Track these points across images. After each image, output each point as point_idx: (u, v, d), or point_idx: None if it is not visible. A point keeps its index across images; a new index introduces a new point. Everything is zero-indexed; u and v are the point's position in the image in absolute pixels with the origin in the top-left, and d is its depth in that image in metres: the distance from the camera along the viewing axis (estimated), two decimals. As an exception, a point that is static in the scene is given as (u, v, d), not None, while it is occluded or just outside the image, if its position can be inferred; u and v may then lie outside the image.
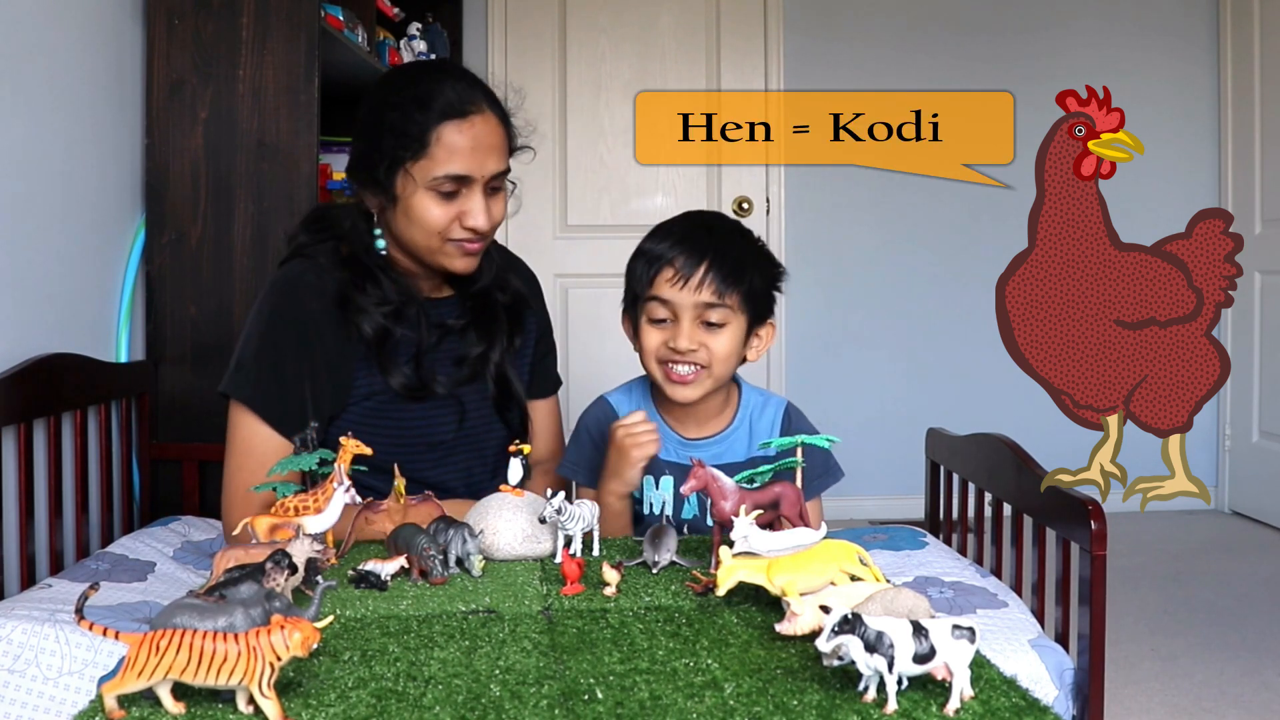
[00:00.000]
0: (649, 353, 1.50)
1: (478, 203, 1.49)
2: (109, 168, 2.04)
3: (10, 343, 1.70)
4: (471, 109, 1.48)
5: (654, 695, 0.88)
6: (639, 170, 3.90)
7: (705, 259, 1.45)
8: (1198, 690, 2.32)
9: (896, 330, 4.01)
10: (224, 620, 0.88)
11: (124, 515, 1.96)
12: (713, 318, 1.46)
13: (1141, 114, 4.01)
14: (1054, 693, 1.27)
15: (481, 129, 1.48)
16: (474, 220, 1.49)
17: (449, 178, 1.46)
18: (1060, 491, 1.37)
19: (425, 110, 1.46)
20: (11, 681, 1.14)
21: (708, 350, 1.46)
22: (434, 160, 1.46)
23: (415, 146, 1.46)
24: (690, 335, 1.46)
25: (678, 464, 1.54)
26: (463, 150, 1.46)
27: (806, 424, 1.58)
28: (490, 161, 1.49)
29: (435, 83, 1.49)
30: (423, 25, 3.12)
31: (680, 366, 1.47)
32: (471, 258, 1.54)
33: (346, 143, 2.81)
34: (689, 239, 1.48)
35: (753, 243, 1.54)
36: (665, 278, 1.46)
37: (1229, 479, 4.00)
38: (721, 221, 1.55)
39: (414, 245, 1.53)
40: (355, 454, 1.26)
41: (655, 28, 3.91)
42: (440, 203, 1.48)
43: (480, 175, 1.48)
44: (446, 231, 1.50)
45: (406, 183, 1.48)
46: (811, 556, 1.07)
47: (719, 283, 1.45)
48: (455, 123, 1.46)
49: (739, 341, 1.49)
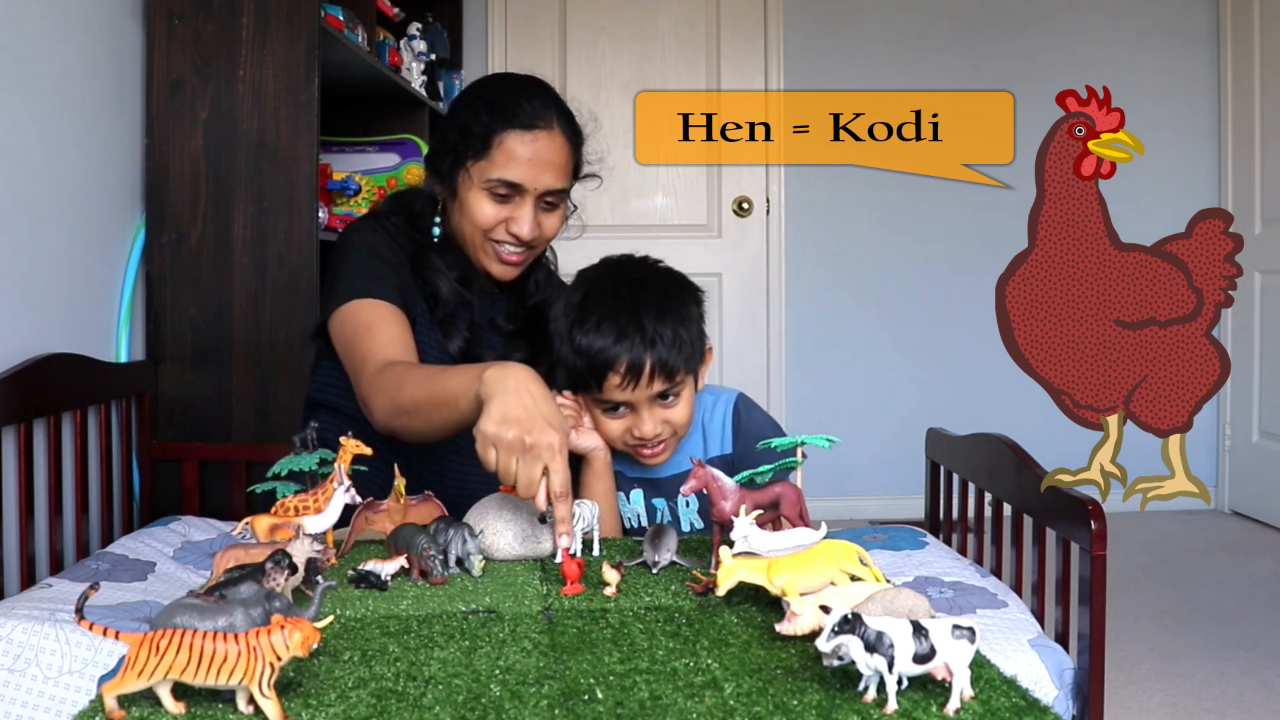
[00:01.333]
0: (614, 440, 1.50)
1: (526, 212, 1.56)
2: (109, 168, 2.04)
3: (10, 343, 1.70)
4: (539, 124, 1.55)
5: (654, 695, 0.88)
6: (639, 170, 3.90)
7: (647, 351, 1.42)
8: (1198, 690, 2.32)
9: (896, 330, 4.01)
10: (224, 620, 0.88)
11: (124, 515, 1.96)
12: (668, 393, 1.47)
13: (1141, 114, 4.01)
14: (1054, 693, 1.26)
15: (545, 144, 1.55)
16: (518, 227, 1.56)
17: (502, 182, 1.54)
18: (1060, 491, 1.37)
19: (494, 115, 1.54)
20: (11, 681, 1.14)
21: (670, 425, 1.48)
22: (492, 162, 1.54)
23: (478, 146, 1.54)
24: (652, 421, 1.47)
25: (644, 477, 1.56)
26: (521, 159, 1.54)
27: (759, 414, 1.60)
28: (546, 176, 1.56)
29: (514, 94, 1.57)
30: (423, 25, 3.12)
31: (648, 445, 1.49)
32: (510, 267, 1.61)
33: (347, 142, 2.84)
34: (625, 334, 1.42)
35: (672, 287, 1.51)
36: (613, 383, 1.44)
37: (1229, 479, 4.00)
38: (642, 291, 1.48)
39: (462, 238, 1.61)
40: (355, 454, 1.25)
41: (655, 28, 3.91)
42: (492, 203, 1.56)
43: (533, 187, 1.55)
44: (492, 232, 1.58)
45: (465, 179, 1.56)
46: (811, 557, 1.07)
47: (668, 368, 1.44)
48: (519, 132, 1.54)
49: (693, 396, 1.52)
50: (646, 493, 1.56)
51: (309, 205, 2.10)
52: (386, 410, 1.39)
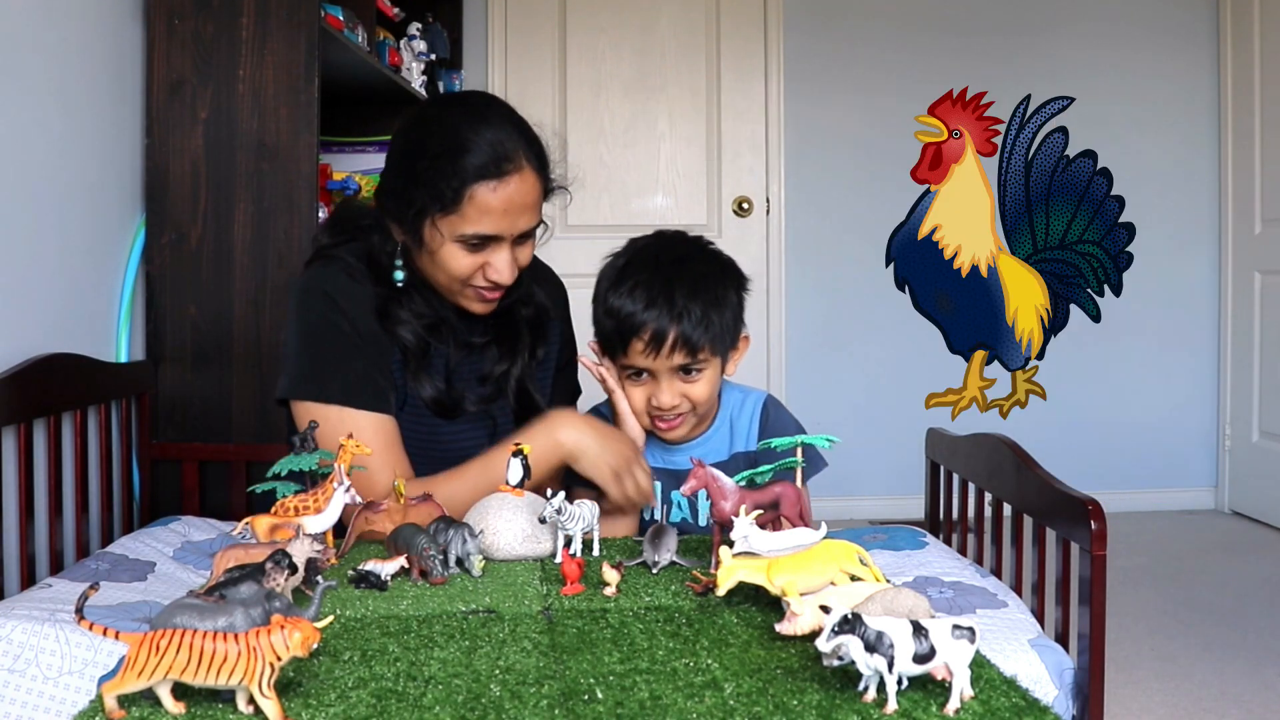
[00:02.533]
0: (635, 410, 1.53)
1: (503, 257, 1.48)
2: (109, 168, 2.04)
3: (10, 343, 1.70)
4: (509, 167, 1.44)
5: (654, 695, 0.88)
6: (639, 170, 3.90)
7: (674, 323, 1.44)
8: (1198, 690, 2.32)
9: (896, 330, 4.01)
10: (224, 620, 0.88)
11: (124, 515, 1.96)
12: (689, 368, 1.49)
13: (1141, 114, 4.02)
14: (1054, 692, 1.26)
15: (516, 189, 1.45)
16: (497, 274, 1.48)
17: (477, 235, 1.45)
18: (1060, 491, 1.37)
19: (459, 166, 1.42)
20: (11, 681, 1.14)
21: (688, 400, 1.50)
22: (464, 218, 1.44)
23: (446, 203, 1.43)
24: (670, 392, 1.49)
25: (663, 469, 1.56)
26: (495, 211, 1.44)
27: (786, 416, 1.61)
28: (521, 220, 1.47)
29: (473, 132, 1.44)
30: (423, 25, 3.12)
31: (665, 417, 1.51)
32: (490, 304, 1.54)
33: (347, 142, 2.84)
34: (654, 301, 1.44)
35: (713, 263, 1.53)
36: (637, 349, 1.46)
37: (1229, 479, 4.01)
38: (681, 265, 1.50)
39: (435, 282, 1.53)
40: (355, 454, 1.25)
41: (655, 28, 3.91)
42: (467, 253, 1.47)
43: (510, 234, 1.47)
44: (469, 279, 1.49)
45: (434, 233, 1.46)
46: (812, 557, 1.07)
47: (691, 343, 1.45)
48: (489, 183, 1.43)
49: (717, 378, 1.53)
50: (665, 484, 1.56)
51: (309, 205, 2.10)
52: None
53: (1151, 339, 4.07)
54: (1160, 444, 4.06)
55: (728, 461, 1.56)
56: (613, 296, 1.48)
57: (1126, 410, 4.05)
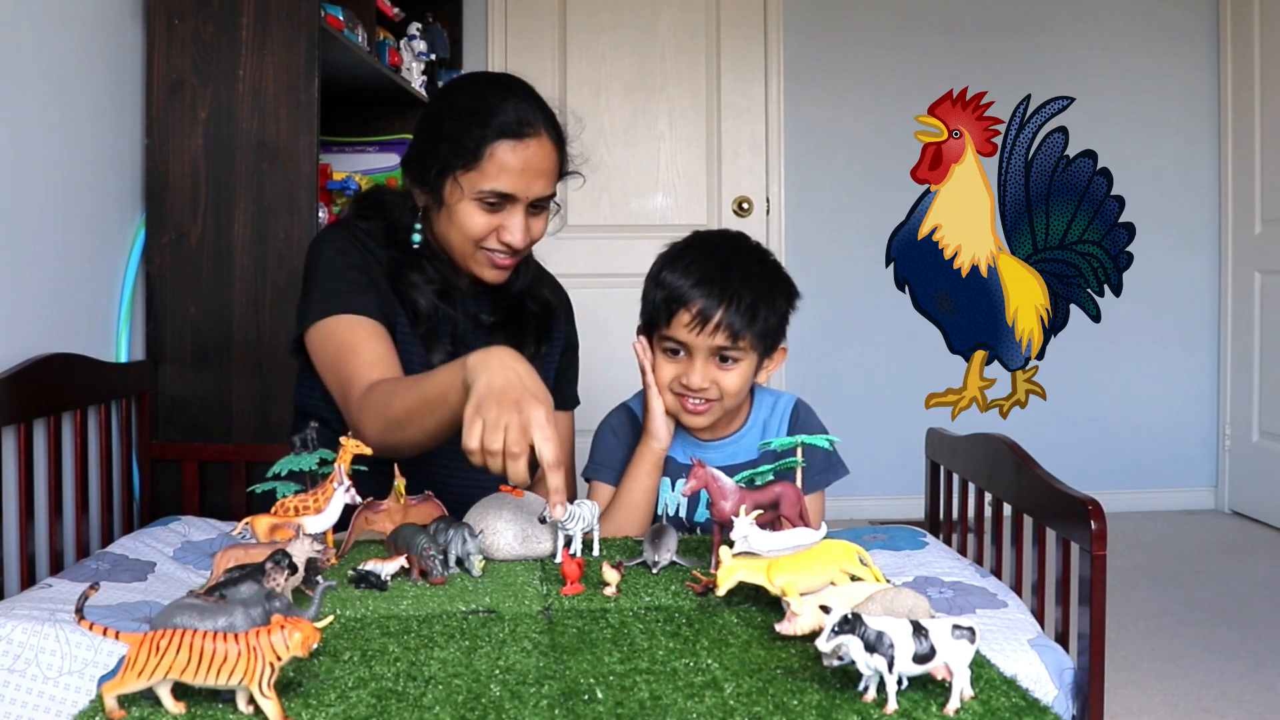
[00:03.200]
0: (663, 385, 1.53)
1: (518, 220, 1.55)
2: (109, 168, 2.04)
3: (10, 343, 1.70)
4: (528, 131, 1.52)
5: (654, 695, 0.88)
6: (639, 170, 3.90)
7: (722, 304, 1.46)
8: (1198, 690, 2.32)
9: (896, 330, 4.02)
10: (224, 620, 0.88)
11: (124, 515, 1.96)
12: (726, 355, 1.49)
13: (1142, 114, 4.02)
14: (1054, 692, 1.26)
15: (535, 152, 1.53)
16: (511, 236, 1.54)
17: (494, 193, 1.52)
18: (1060, 491, 1.37)
19: (483, 125, 1.51)
20: (11, 681, 1.14)
21: (719, 387, 1.50)
22: (483, 174, 1.51)
23: (468, 158, 1.51)
24: (703, 374, 1.49)
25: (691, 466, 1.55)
26: (512, 170, 1.51)
27: (814, 419, 1.62)
28: (537, 185, 1.54)
29: (499, 99, 1.53)
30: (423, 25, 3.12)
31: (692, 399, 1.51)
32: (501, 271, 1.60)
33: (347, 142, 2.84)
34: (708, 279, 1.48)
35: (771, 270, 1.55)
36: (682, 321, 1.48)
37: (1229, 479, 4.01)
38: (740, 255, 1.54)
39: (450, 247, 1.59)
40: (355, 454, 1.25)
41: (655, 28, 3.91)
42: (483, 213, 1.53)
43: (525, 196, 1.54)
44: (483, 241, 1.56)
45: (454, 189, 1.53)
46: (812, 557, 1.07)
47: (734, 328, 1.47)
48: (510, 142, 1.51)
49: (749, 374, 1.53)
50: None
51: (309, 205, 2.10)
52: (379, 428, 1.38)
53: (1151, 339, 4.07)
54: (1160, 444, 4.06)
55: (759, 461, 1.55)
56: (667, 271, 1.51)
57: (1126, 410, 4.05)
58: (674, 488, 1.57)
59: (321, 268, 1.56)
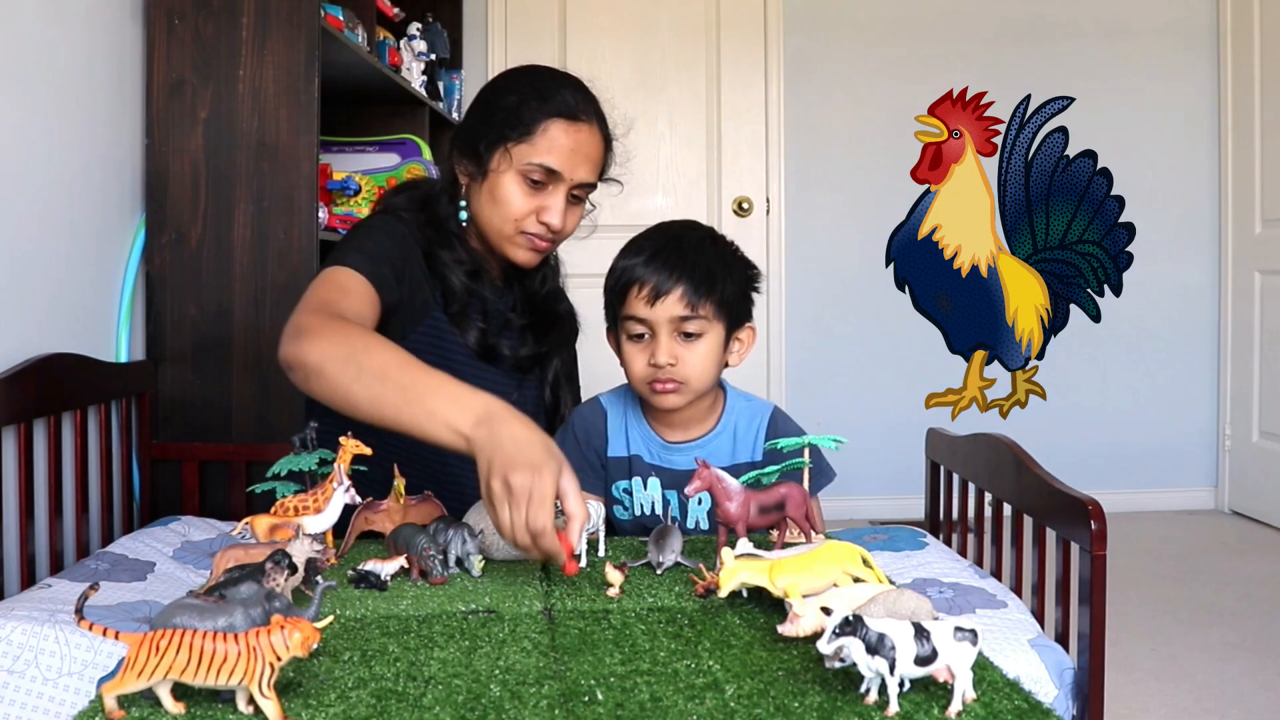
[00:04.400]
0: (634, 376, 1.51)
1: (559, 201, 1.58)
2: (109, 168, 2.04)
3: (10, 343, 1.70)
4: (583, 117, 1.58)
5: (655, 697, 0.88)
6: (639, 170, 3.89)
7: (675, 273, 1.46)
8: (1198, 690, 2.32)
9: (896, 330, 4.01)
10: (224, 620, 0.88)
11: (124, 515, 1.96)
12: (689, 329, 1.47)
13: (1142, 114, 4.02)
14: (1054, 692, 1.26)
15: (586, 137, 1.58)
16: (550, 216, 1.57)
17: (542, 167, 1.55)
18: (1060, 491, 1.37)
19: (542, 103, 1.56)
20: (11, 682, 1.14)
21: (684, 365, 1.48)
22: (534, 147, 1.55)
23: (522, 130, 1.55)
24: (668, 349, 1.47)
25: (662, 467, 1.55)
26: (563, 148, 1.56)
27: (794, 428, 1.57)
28: (582, 169, 1.58)
29: (558, 84, 1.59)
30: (423, 25, 3.12)
31: (660, 379, 1.48)
32: (535, 254, 1.62)
33: (347, 142, 2.84)
34: (659, 254, 1.48)
35: (725, 249, 1.55)
36: (637, 296, 1.46)
37: (1229, 479, 4.01)
38: (692, 231, 1.55)
39: (489, 226, 1.61)
40: (355, 454, 1.25)
41: (655, 28, 3.91)
42: (526, 190, 1.57)
43: (570, 177, 1.57)
44: (522, 221, 1.58)
45: (503, 159, 1.56)
46: (814, 558, 1.07)
47: (691, 295, 1.46)
48: (565, 122, 1.56)
49: (717, 350, 1.50)
50: (663, 482, 1.55)
51: (309, 205, 2.10)
52: (324, 352, 1.27)
53: (1151, 339, 4.07)
54: (1160, 444, 4.06)
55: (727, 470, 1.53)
56: (620, 257, 1.52)
57: (1126, 410, 4.05)
58: (646, 486, 1.55)
59: (361, 233, 1.58)
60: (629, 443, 1.57)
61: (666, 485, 1.54)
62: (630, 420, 1.58)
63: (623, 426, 1.58)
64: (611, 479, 1.57)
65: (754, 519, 1.22)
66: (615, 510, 1.59)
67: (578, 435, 1.59)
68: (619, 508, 1.58)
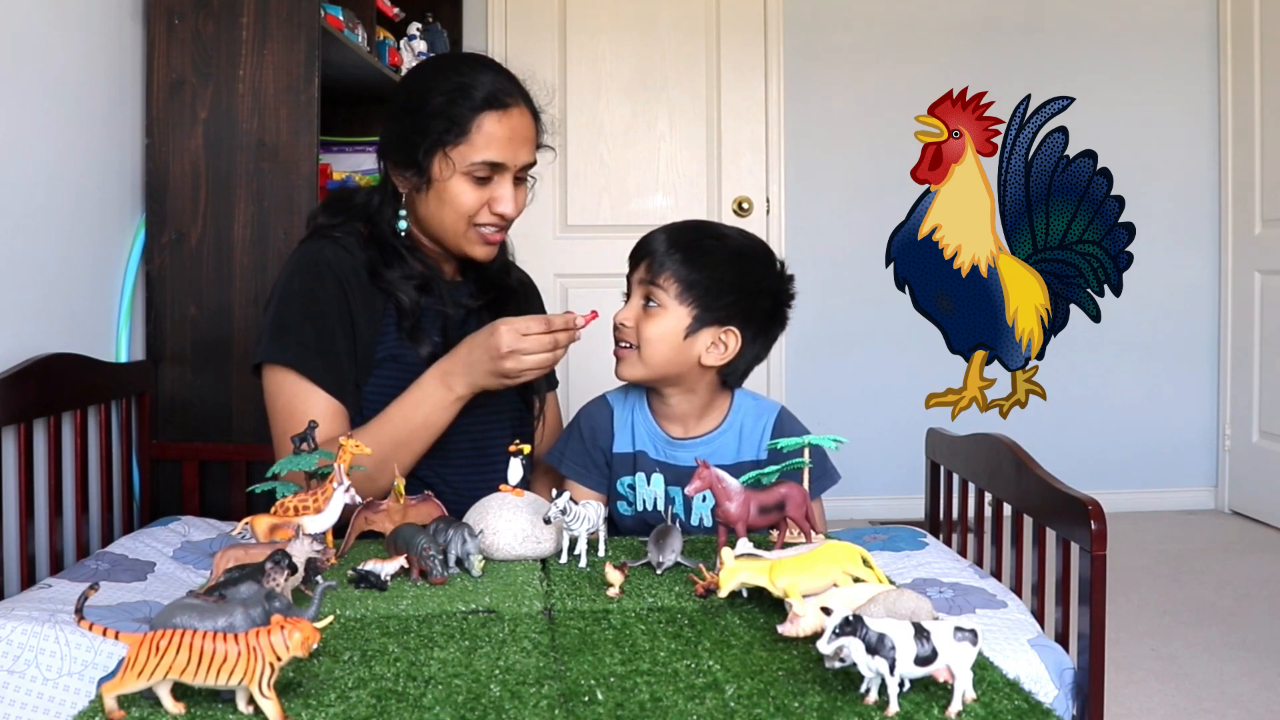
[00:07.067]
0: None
1: (507, 190, 1.58)
2: (109, 168, 2.04)
3: (10, 343, 1.70)
4: (510, 101, 1.57)
5: (655, 697, 0.88)
6: (639, 170, 3.90)
7: (659, 241, 1.51)
8: (1198, 690, 2.32)
9: (896, 330, 4.01)
10: (224, 620, 0.88)
11: (124, 515, 1.96)
12: (650, 297, 1.50)
13: (1142, 114, 4.02)
14: (1054, 692, 1.26)
15: (518, 121, 1.57)
16: (503, 206, 1.58)
17: (485, 164, 1.55)
18: (1060, 491, 1.37)
19: (467, 98, 1.54)
20: (11, 682, 1.14)
21: (637, 331, 1.50)
22: (473, 146, 1.54)
23: (457, 131, 1.54)
24: (630, 310, 1.52)
25: (666, 463, 1.55)
26: (500, 139, 1.55)
27: (800, 430, 1.55)
28: (522, 152, 1.58)
29: (475, 74, 1.57)
30: (423, 25, 3.12)
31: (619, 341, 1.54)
32: (491, 246, 1.63)
33: (347, 142, 2.83)
34: (684, 231, 1.53)
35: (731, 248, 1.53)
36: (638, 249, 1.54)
37: (1229, 479, 4.01)
38: (706, 225, 1.58)
39: (441, 228, 1.60)
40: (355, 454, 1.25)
41: (655, 28, 3.91)
42: (473, 187, 1.56)
43: (513, 164, 1.57)
44: (475, 216, 1.58)
45: (444, 166, 1.55)
46: (814, 558, 1.07)
47: (656, 265, 1.49)
48: (496, 113, 1.55)
49: (675, 333, 1.49)
50: (667, 478, 1.55)
51: (309, 205, 2.09)
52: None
53: (1151, 339, 4.06)
54: (1160, 444, 4.06)
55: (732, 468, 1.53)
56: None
57: (1126, 410, 4.05)
58: (649, 482, 1.55)
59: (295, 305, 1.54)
60: (634, 438, 1.57)
61: (670, 481, 1.55)
62: (636, 416, 1.58)
63: (629, 422, 1.58)
64: (616, 474, 1.58)
65: (754, 519, 1.22)
66: (619, 506, 1.59)
67: (583, 433, 1.59)
68: (623, 504, 1.58)
